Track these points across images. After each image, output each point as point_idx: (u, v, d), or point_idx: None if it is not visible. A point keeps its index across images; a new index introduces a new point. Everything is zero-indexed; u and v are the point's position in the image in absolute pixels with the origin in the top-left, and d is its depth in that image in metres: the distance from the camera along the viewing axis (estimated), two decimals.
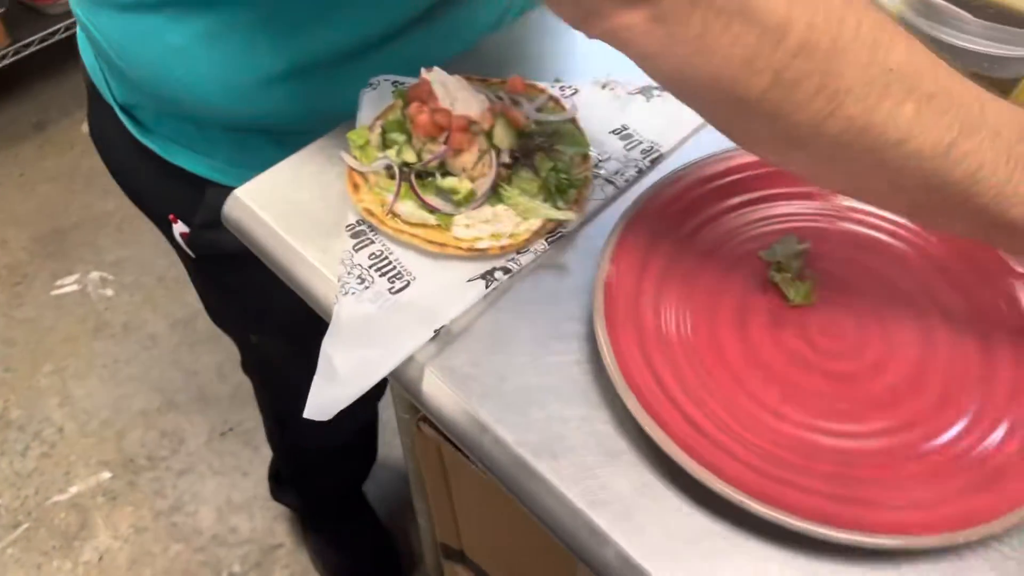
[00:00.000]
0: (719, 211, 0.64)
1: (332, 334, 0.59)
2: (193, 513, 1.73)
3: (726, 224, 0.63)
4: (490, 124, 0.64)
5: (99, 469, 1.79)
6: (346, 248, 0.64)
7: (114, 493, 1.75)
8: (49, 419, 1.86)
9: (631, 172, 0.68)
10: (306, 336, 1.04)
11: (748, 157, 0.66)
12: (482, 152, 0.64)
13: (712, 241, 0.63)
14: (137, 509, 1.73)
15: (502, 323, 0.60)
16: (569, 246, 0.65)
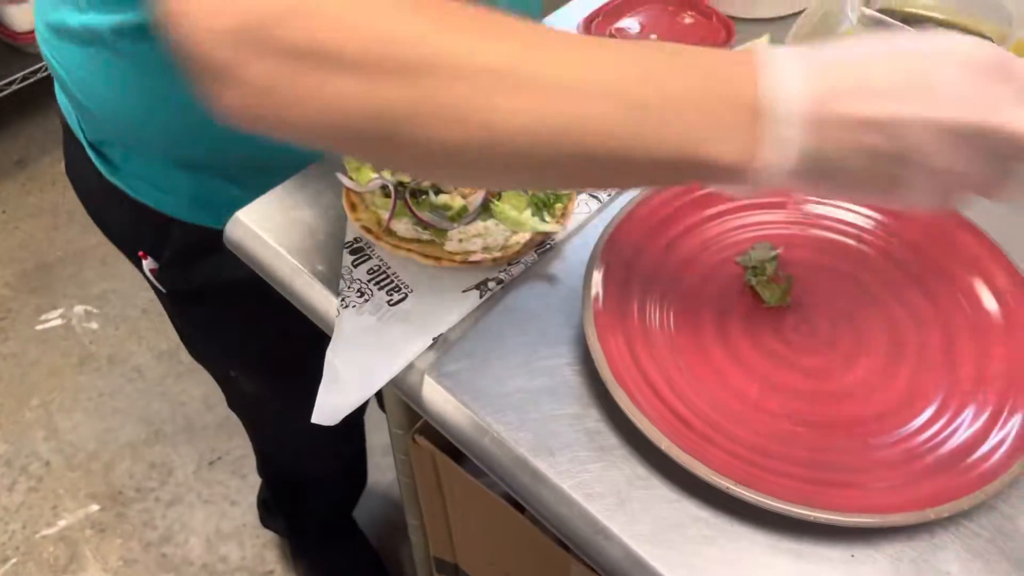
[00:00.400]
0: (697, 221, 0.68)
1: (335, 344, 0.62)
2: (183, 543, 1.73)
3: (704, 233, 0.67)
4: None
5: (87, 502, 1.78)
6: (346, 264, 0.67)
7: (103, 525, 1.75)
8: (36, 453, 1.86)
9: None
10: (283, 372, 1.05)
11: None
12: None
13: (692, 248, 0.66)
14: (126, 541, 1.73)
15: (497, 330, 0.63)
16: (557, 257, 0.68)
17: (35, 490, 1.80)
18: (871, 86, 0.41)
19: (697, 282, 0.65)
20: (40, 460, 1.85)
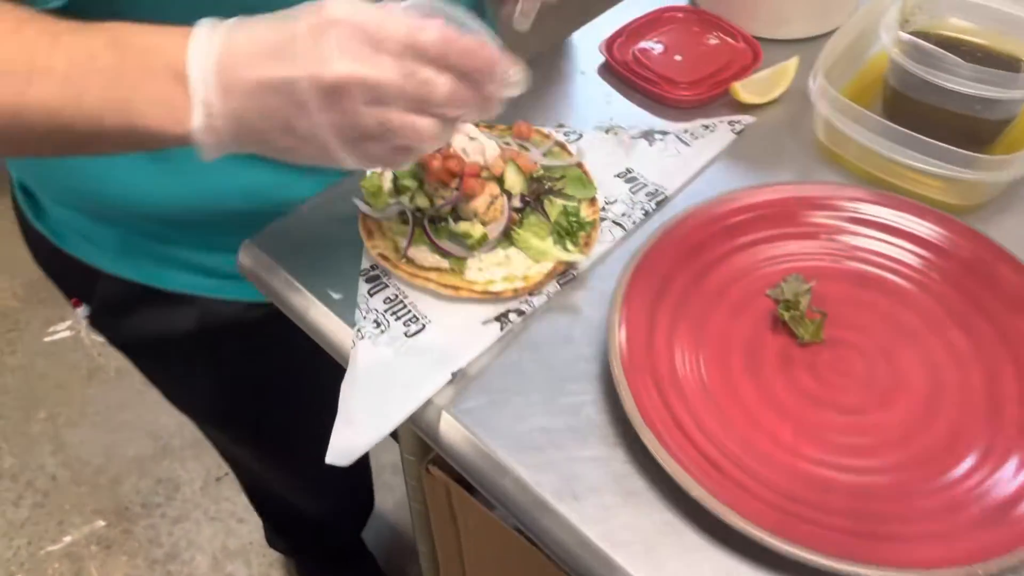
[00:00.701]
0: (726, 251, 0.65)
1: (349, 379, 0.60)
2: (189, 561, 1.70)
3: (733, 264, 0.65)
4: (501, 170, 0.65)
5: (93, 518, 1.76)
6: (361, 293, 0.65)
7: (108, 541, 1.73)
8: (42, 467, 1.84)
9: (638, 214, 0.70)
10: (237, 423, 1.02)
11: (753, 198, 0.68)
12: (494, 197, 0.65)
13: (721, 281, 0.64)
14: (132, 558, 1.70)
15: (517, 365, 0.61)
16: (580, 287, 0.66)
17: (41, 505, 1.78)
18: (268, 50, 0.46)
19: (727, 316, 0.62)
20: (47, 474, 1.83)
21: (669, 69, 0.80)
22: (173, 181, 0.70)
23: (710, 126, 0.77)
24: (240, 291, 0.77)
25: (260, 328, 0.80)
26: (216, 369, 0.89)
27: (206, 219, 0.72)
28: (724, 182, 0.73)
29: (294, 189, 0.71)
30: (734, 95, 0.78)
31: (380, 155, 0.49)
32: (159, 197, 0.71)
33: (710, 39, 0.84)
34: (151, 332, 0.82)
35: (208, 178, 0.69)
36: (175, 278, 0.77)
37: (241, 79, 0.46)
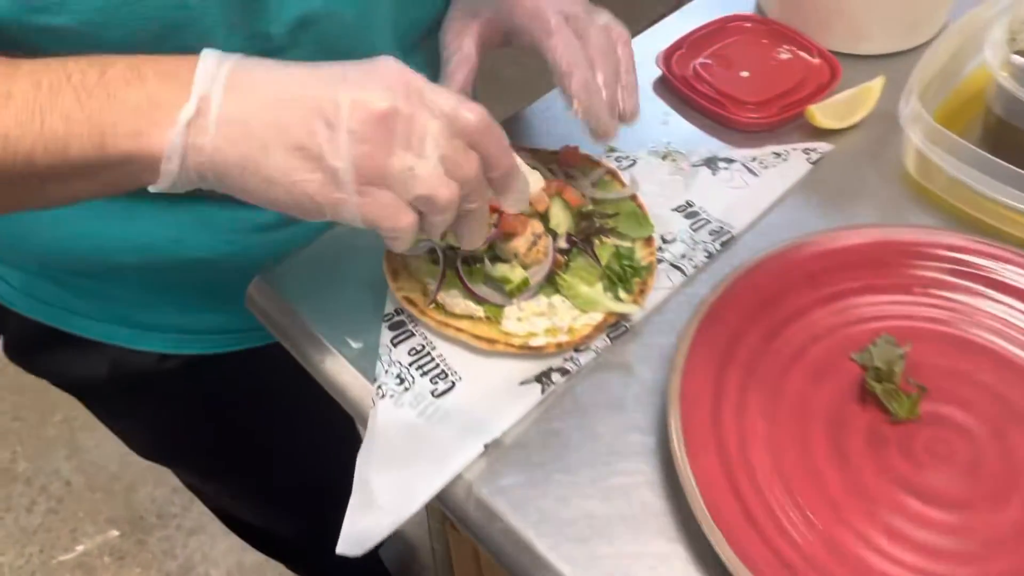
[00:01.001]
0: (804, 305, 0.57)
1: (368, 448, 0.52)
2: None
3: (813, 320, 0.56)
4: (546, 205, 0.57)
5: (107, 527, 1.71)
6: (384, 342, 0.57)
7: (121, 552, 1.67)
8: (57, 472, 1.79)
9: (700, 256, 0.61)
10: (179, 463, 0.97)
11: (835, 242, 0.59)
12: (536, 236, 0.57)
13: (798, 340, 0.55)
14: (145, 571, 1.65)
15: (560, 435, 0.53)
16: (633, 342, 0.57)
17: (55, 512, 1.73)
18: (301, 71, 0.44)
19: (806, 383, 0.53)
20: (61, 479, 1.78)
21: (735, 87, 0.72)
22: (66, 230, 0.64)
23: (782, 154, 0.68)
24: (150, 342, 0.73)
25: (179, 379, 0.76)
26: (138, 418, 0.85)
27: (102, 270, 0.67)
28: (798, 220, 0.64)
29: (188, 245, 0.65)
30: (810, 119, 0.69)
31: (385, 208, 0.45)
32: (53, 244, 0.66)
33: (781, 53, 0.75)
34: (65, 374, 0.78)
35: (103, 229, 0.64)
36: (78, 323, 0.72)
37: (258, 84, 0.44)
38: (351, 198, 0.44)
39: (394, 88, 0.43)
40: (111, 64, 0.43)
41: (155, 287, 0.70)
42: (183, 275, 0.68)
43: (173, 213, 0.63)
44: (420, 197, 0.45)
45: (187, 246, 0.66)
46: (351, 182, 0.43)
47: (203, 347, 0.75)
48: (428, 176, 0.44)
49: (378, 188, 0.44)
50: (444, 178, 0.45)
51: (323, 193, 0.44)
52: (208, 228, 0.65)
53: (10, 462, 1.80)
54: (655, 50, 0.76)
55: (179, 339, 0.74)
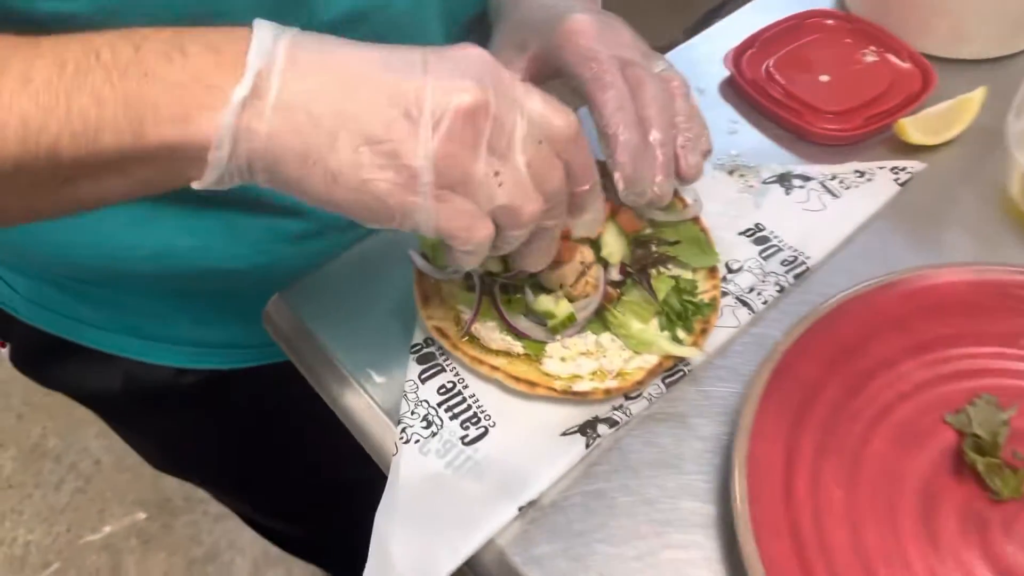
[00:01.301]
0: (891, 356, 0.49)
1: (388, 503, 0.46)
2: (228, 563, 1.62)
3: (901, 374, 0.49)
4: (597, 232, 0.50)
5: (134, 509, 1.70)
6: (411, 377, 0.51)
7: (148, 536, 1.66)
8: (86, 450, 1.77)
9: (770, 290, 0.54)
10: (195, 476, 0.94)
11: (926, 282, 0.51)
12: (586, 266, 0.50)
13: (884, 398, 0.48)
14: (171, 556, 1.63)
15: (605, 497, 0.46)
16: (692, 389, 0.51)
17: (82, 491, 1.72)
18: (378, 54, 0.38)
19: (892, 450, 0.46)
20: (91, 458, 1.77)
21: (813, 93, 0.64)
22: (73, 236, 0.59)
23: (866, 173, 0.60)
24: (164, 355, 0.68)
25: (196, 395, 0.72)
26: (152, 432, 0.82)
27: (113, 278, 0.62)
28: (883, 251, 0.56)
29: (211, 254, 0.60)
30: (899, 133, 0.61)
31: (463, 216, 0.39)
32: (60, 249, 0.60)
33: (867, 56, 0.67)
34: (76, 386, 0.74)
35: (114, 235, 0.58)
36: (88, 334, 0.68)
37: (324, 64, 0.37)
38: (426, 203, 0.38)
39: (484, 81, 0.38)
40: (145, 38, 0.37)
41: (172, 297, 0.65)
42: (203, 285, 0.63)
43: (196, 219, 0.58)
44: (503, 208, 0.39)
45: (211, 255, 0.60)
46: (429, 184, 0.37)
47: (222, 362, 0.70)
48: (515, 185, 0.39)
49: (458, 194, 0.38)
50: (531, 188, 0.40)
51: (395, 195, 0.38)
52: (235, 237, 0.60)
53: (40, 437, 1.79)
54: (723, 48, 0.68)
55: (196, 353, 0.69)
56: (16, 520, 1.67)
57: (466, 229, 0.39)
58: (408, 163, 0.37)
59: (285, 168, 0.37)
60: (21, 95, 0.35)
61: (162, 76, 0.36)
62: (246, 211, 0.59)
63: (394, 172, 0.37)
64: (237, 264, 0.61)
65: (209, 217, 0.58)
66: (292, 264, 0.60)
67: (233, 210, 0.58)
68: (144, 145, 0.36)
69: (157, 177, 0.39)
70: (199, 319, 0.67)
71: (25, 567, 1.61)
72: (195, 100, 0.36)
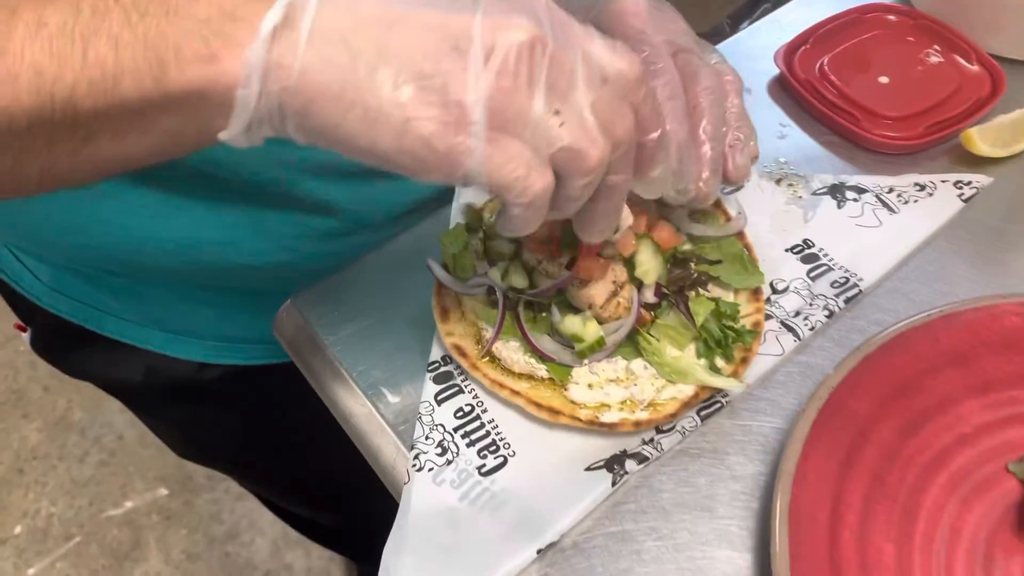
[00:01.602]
0: (951, 395, 0.45)
1: (398, 538, 0.43)
2: (248, 543, 1.62)
3: (961, 416, 0.45)
4: (632, 249, 0.46)
5: (156, 484, 1.70)
6: (426, 398, 0.48)
7: (169, 512, 1.66)
8: (111, 424, 1.78)
9: (818, 315, 0.50)
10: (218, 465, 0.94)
11: (991, 315, 0.47)
12: (618, 286, 0.46)
13: (941, 443, 0.44)
14: (191, 533, 1.63)
15: (631, 540, 0.43)
16: (729, 422, 0.47)
17: (106, 464, 1.72)
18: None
19: (949, 500, 0.42)
20: (114, 432, 1.77)
21: (871, 95, 0.59)
22: (97, 227, 0.56)
23: (927, 186, 0.55)
24: (187, 349, 0.66)
25: (219, 390, 0.70)
26: (174, 423, 0.82)
27: (137, 270, 0.60)
28: (943, 275, 0.51)
29: (237, 250, 0.57)
30: (964, 143, 0.56)
31: (518, 161, 0.34)
32: (83, 240, 0.58)
33: (931, 56, 0.62)
34: (98, 375, 0.73)
35: (138, 227, 0.56)
36: (110, 324, 0.66)
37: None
38: (478, 145, 0.33)
39: (539, 16, 0.34)
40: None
41: (196, 291, 0.63)
42: (228, 281, 0.61)
43: (222, 213, 0.56)
44: (565, 150, 0.35)
45: (236, 251, 0.58)
46: (481, 124, 0.33)
47: (245, 357, 0.68)
48: (578, 125, 0.34)
49: (512, 136, 0.34)
50: (596, 131, 0.35)
51: (443, 136, 0.33)
52: (262, 233, 0.57)
53: (66, 410, 1.80)
54: (773, 43, 0.63)
55: (219, 348, 0.67)
56: (40, 492, 1.68)
57: (523, 178, 0.34)
58: (458, 99, 0.33)
59: (320, 110, 0.33)
60: (34, 42, 0.32)
61: (186, 14, 0.32)
62: (273, 206, 0.56)
63: (442, 110, 0.33)
64: (262, 260, 0.59)
65: (235, 211, 0.56)
66: (319, 262, 0.57)
67: (260, 205, 0.56)
68: (167, 90, 0.33)
69: (183, 128, 0.35)
70: (223, 314, 0.65)
71: (48, 539, 1.62)
72: (221, 36, 0.32)
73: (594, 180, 0.36)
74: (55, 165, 0.36)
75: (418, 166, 0.34)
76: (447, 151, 0.33)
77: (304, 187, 0.55)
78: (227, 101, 0.33)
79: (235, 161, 0.53)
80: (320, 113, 0.33)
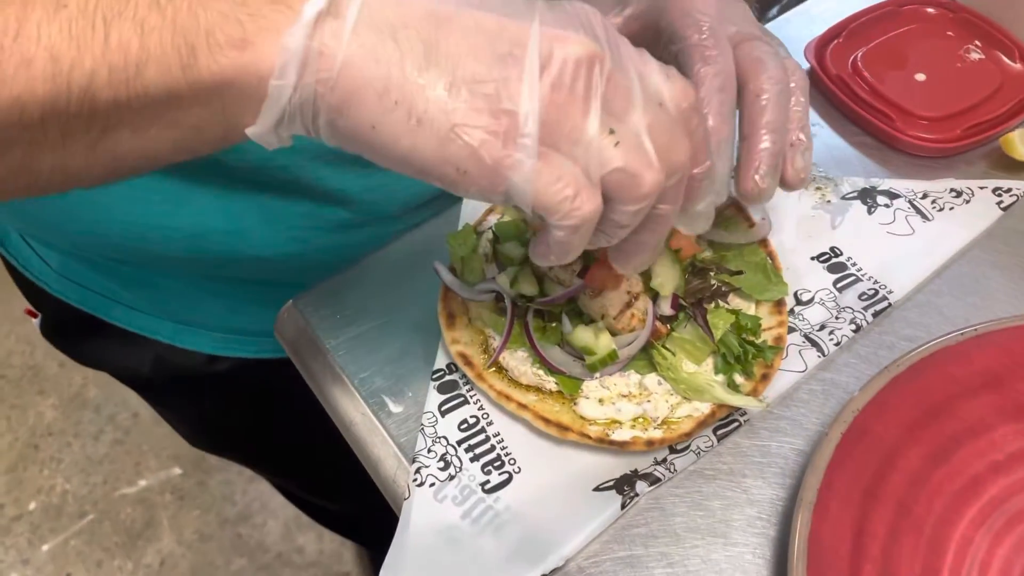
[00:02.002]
0: (984, 420, 0.42)
1: (396, 557, 0.41)
2: (260, 526, 1.62)
3: (995, 443, 0.42)
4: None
5: (170, 464, 1.70)
6: (430, 408, 0.46)
7: (182, 492, 1.66)
8: (126, 402, 1.78)
9: (844, 330, 0.47)
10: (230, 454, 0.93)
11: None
12: (633, 297, 0.44)
13: (973, 471, 0.41)
14: (204, 513, 1.63)
15: (641, 566, 0.41)
16: (747, 442, 0.44)
17: (120, 443, 1.73)
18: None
19: (980, 534, 0.40)
20: (129, 410, 1.77)
21: (906, 94, 0.56)
22: (105, 214, 0.55)
23: (963, 193, 0.52)
24: (196, 341, 0.65)
25: (229, 383, 0.69)
26: (183, 414, 0.80)
27: (146, 259, 0.58)
28: (980, 288, 0.49)
29: (247, 241, 0.55)
30: (1005, 147, 0.53)
31: (567, 181, 0.32)
32: (92, 227, 0.56)
33: (971, 52, 0.58)
34: (108, 364, 0.72)
35: (146, 215, 0.54)
36: (119, 314, 0.64)
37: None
38: (527, 160, 0.31)
39: (596, 32, 0.32)
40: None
41: (205, 281, 0.62)
42: (237, 271, 0.60)
43: (231, 201, 0.54)
44: (619, 172, 0.32)
45: (245, 240, 0.56)
46: (533, 137, 0.31)
47: (256, 350, 0.67)
48: (634, 147, 0.32)
49: (562, 154, 0.32)
50: (652, 155, 0.33)
51: (491, 147, 0.31)
52: (272, 223, 0.55)
53: (81, 387, 1.80)
54: (804, 36, 0.60)
55: (228, 340, 0.66)
56: (55, 468, 1.69)
57: (571, 198, 0.32)
58: (511, 107, 0.31)
59: (359, 108, 0.30)
60: (52, 23, 0.29)
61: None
62: (283, 196, 0.54)
63: (492, 119, 0.31)
64: (271, 251, 0.57)
65: (244, 200, 0.54)
66: (330, 255, 0.55)
67: (270, 194, 0.54)
68: (195, 79, 0.30)
69: (208, 122, 0.32)
70: (232, 306, 0.64)
71: (62, 516, 1.63)
72: (258, 19, 0.30)
73: (645, 207, 0.33)
74: (69, 161, 0.33)
75: (459, 178, 0.31)
76: (493, 162, 0.31)
77: (316, 175, 0.53)
78: (258, 93, 0.30)
79: (243, 147, 0.51)
80: (358, 112, 0.30)
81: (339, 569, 1.57)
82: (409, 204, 0.58)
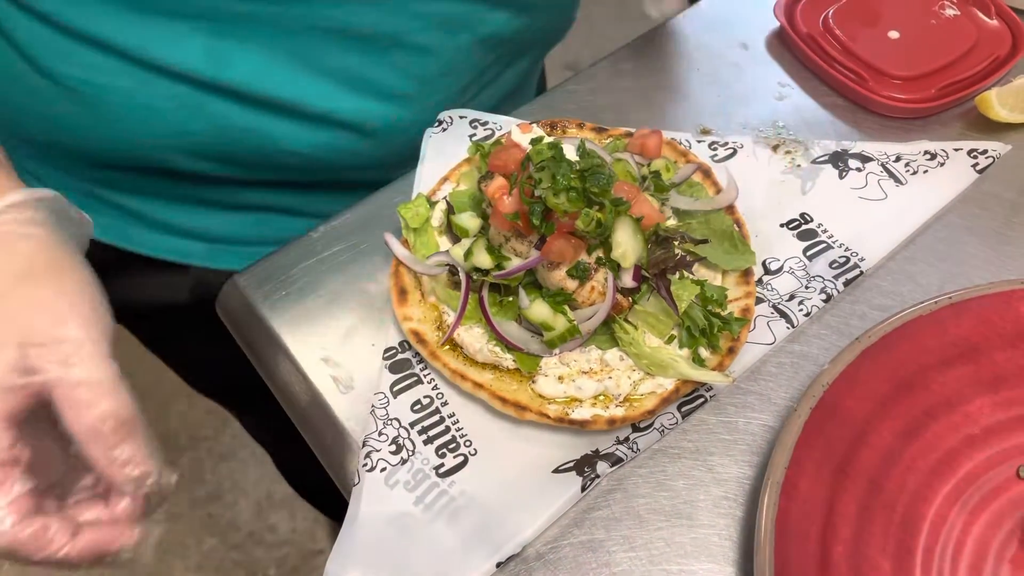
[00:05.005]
0: (958, 392, 0.41)
1: (345, 548, 0.39)
2: (231, 505, 1.59)
3: (970, 415, 0.40)
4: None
5: None
6: (381, 389, 0.43)
7: None
8: None
9: (814, 299, 0.45)
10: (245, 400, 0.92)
11: (1007, 303, 0.42)
12: (592, 267, 0.41)
13: (947, 445, 0.40)
14: (174, 494, 1.59)
15: (602, 551, 0.39)
16: (714, 419, 0.42)
17: None
18: None
19: (953, 510, 0.38)
20: None
21: (879, 53, 0.53)
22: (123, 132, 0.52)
23: (938, 155, 0.50)
24: (228, 259, 0.61)
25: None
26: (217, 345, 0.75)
27: (165, 160, 0.54)
28: (955, 255, 0.47)
29: (274, 136, 0.52)
30: (981, 107, 0.51)
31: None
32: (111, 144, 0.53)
33: (947, 9, 0.56)
34: (136, 302, 0.67)
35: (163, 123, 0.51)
36: (145, 239, 0.61)
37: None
38: None
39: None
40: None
41: (233, 193, 0.59)
42: (265, 174, 0.56)
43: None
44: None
45: (271, 137, 0.53)
46: None
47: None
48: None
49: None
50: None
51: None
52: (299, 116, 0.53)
53: None
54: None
55: (260, 255, 0.63)
56: None
57: None
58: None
59: None
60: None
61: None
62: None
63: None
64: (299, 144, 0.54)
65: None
66: (358, 159, 0.54)
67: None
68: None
69: None
70: (261, 219, 0.61)
71: None
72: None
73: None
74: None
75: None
76: None
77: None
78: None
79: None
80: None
81: (312, 547, 1.55)
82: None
